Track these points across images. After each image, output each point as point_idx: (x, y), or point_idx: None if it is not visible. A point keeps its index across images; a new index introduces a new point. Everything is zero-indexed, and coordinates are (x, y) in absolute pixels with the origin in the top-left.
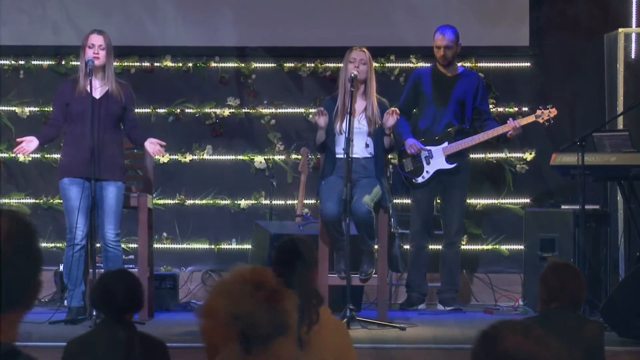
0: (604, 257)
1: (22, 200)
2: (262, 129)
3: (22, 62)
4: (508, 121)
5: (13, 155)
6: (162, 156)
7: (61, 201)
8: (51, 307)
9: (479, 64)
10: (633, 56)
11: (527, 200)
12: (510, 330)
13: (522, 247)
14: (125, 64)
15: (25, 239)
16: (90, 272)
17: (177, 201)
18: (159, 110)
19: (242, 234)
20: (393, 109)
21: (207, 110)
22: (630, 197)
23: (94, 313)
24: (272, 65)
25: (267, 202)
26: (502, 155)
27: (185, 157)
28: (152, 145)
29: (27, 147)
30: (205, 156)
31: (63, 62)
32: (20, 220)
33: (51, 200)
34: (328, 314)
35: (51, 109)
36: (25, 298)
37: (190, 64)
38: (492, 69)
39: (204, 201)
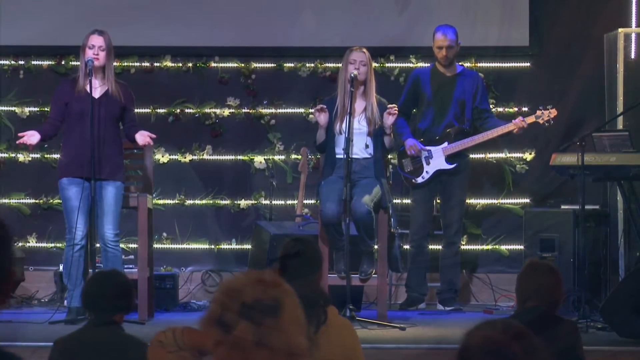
0: (604, 257)
1: (22, 200)
2: (262, 129)
3: (22, 62)
4: (514, 121)
5: (13, 155)
6: (151, 146)
7: (61, 201)
8: (51, 307)
9: (479, 64)
10: (633, 56)
11: (527, 200)
12: (488, 325)
13: (522, 247)
14: (125, 64)
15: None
16: (90, 272)
17: (176, 201)
18: (159, 110)
19: (242, 234)
20: (392, 106)
21: (207, 110)
22: (630, 197)
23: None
24: (272, 65)
25: (267, 202)
26: (502, 155)
27: (185, 157)
28: (142, 137)
29: (29, 140)
30: (205, 156)
31: (63, 62)
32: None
33: (51, 200)
34: (335, 313)
35: (50, 108)
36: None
37: (190, 64)
38: (492, 69)
39: (203, 201)
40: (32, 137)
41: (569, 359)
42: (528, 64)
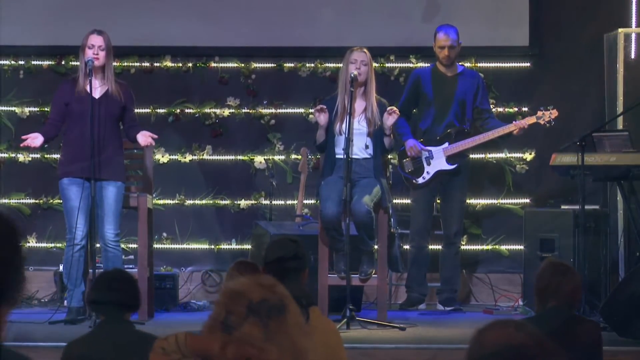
0: (604, 257)
1: (22, 200)
2: (262, 129)
3: (22, 62)
4: (515, 122)
5: (13, 155)
6: (152, 146)
7: (61, 201)
8: (51, 307)
9: (479, 64)
10: (633, 56)
11: (527, 200)
12: (502, 325)
13: (522, 247)
14: (125, 64)
15: (8, 235)
16: (90, 272)
17: (177, 201)
18: (159, 110)
19: (242, 234)
20: (392, 107)
21: (207, 110)
22: (630, 197)
23: (94, 313)
24: (272, 65)
25: (267, 202)
26: (502, 155)
27: (185, 157)
28: (144, 137)
29: (33, 143)
30: (205, 156)
31: (63, 62)
32: (2, 217)
33: (51, 200)
34: (318, 313)
35: (50, 108)
36: (10, 295)
37: (190, 64)
38: (492, 69)
39: (203, 201)
40: (35, 139)
41: (591, 359)
42: (528, 64)
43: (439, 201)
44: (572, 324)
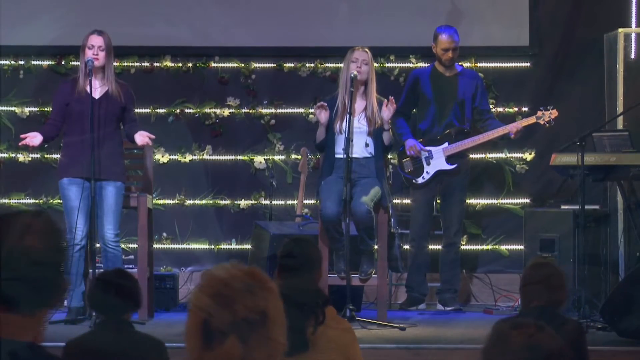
0: (604, 257)
1: (22, 200)
2: (262, 129)
3: (22, 62)
4: (510, 125)
5: (13, 155)
6: (150, 145)
7: (61, 201)
8: None
9: (479, 64)
10: (633, 56)
11: (527, 200)
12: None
13: (522, 247)
14: (125, 64)
15: (52, 236)
16: (90, 272)
17: (176, 201)
18: (159, 110)
19: (242, 234)
20: (390, 98)
21: (207, 110)
22: (630, 197)
23: (94, 313)
24: (272, 65)
25: (267, 202)
26: (502, 155)
27: (185, 157)
28: (141, 137)
29: (32, 142)
30: (205, 156)
31: (63, 62)
32: (47, 220)
33: (51, 200)
34: (334, 313)
35: (51, 108)
36: (51, 298)
37: (190, 64)
38: (492, 69)
39: (203, 201)
40: (34, 138)
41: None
42: (528, 64)
43: (439, 201)
44: (557, 324)
